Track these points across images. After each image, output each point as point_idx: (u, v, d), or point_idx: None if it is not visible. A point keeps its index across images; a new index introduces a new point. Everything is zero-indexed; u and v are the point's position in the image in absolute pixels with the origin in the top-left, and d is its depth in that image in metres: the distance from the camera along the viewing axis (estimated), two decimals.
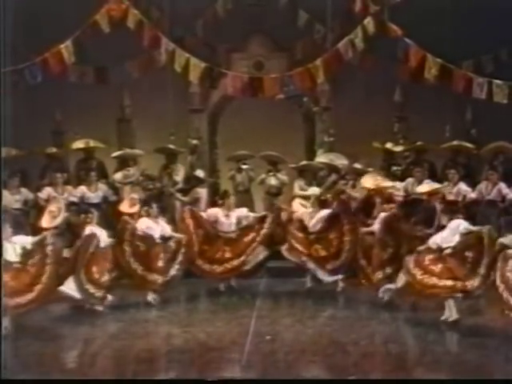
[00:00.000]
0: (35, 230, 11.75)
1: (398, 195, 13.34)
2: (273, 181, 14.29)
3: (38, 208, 13.45)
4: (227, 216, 12.57)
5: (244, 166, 14.45)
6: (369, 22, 13.11)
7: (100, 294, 11.00)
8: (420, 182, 13.45)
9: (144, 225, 11.85)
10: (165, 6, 13.62)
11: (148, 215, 11.98)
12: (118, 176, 14.10)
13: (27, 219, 13.37)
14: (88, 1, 13.14)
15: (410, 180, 13.63)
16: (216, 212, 12.66)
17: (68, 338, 10.01)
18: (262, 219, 12.59)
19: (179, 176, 14.21)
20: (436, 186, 12.90)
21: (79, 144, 14.51)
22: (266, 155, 14.38)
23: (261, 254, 12.48)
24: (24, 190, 13.47)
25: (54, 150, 14.54)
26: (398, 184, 13.54)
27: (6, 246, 10.20)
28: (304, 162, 14.37)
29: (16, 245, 10.41)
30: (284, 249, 12.51)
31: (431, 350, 9.19)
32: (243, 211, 12.78)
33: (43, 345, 9.59)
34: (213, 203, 13.86)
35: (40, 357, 9.16)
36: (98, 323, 10.57)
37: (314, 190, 13.54)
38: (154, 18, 14.17)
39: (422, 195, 12.81)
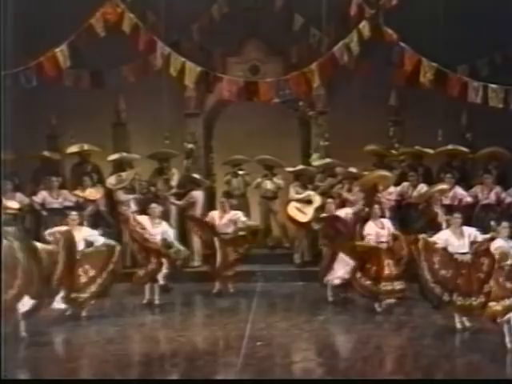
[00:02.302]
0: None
1: (391, 199, 13.38)
2: (269, 185, 14.29)
3: (33, 212, 13.46)
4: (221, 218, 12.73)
5: (240, 172, 14.45)
6: (364, 26, 13.13)
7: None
8: (415, 187, 13.49)
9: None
10: (160, 10, 13.60)
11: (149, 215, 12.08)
12: (112, 180, 14.08)
13: (22, 224, 13.36)
14: (83, 5, 13.12)
15: (405, 184, 13.66)
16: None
17: (65, 342, 9.98)
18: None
19: (174, 181, 14.21)
20: (424, 189, 12.98)
21: (74, 148, 14.50)
22: (262, 159, 14.38)
23: None
24: (19, 195, 13.43)
25: (48, 153, 14.53)
26: (393, 188, 13.58)
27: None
28: (301, 167, 14.37)
29: None
30: None
31: (427, 354, 9.22)
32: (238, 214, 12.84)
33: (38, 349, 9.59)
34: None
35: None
36: (94, 327, 10.57)
37: (310, 194, 13.56)
38: (150, 22, 14.15)
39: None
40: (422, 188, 13.41)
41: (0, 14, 12.04)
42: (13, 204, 12.92)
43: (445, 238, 10.43)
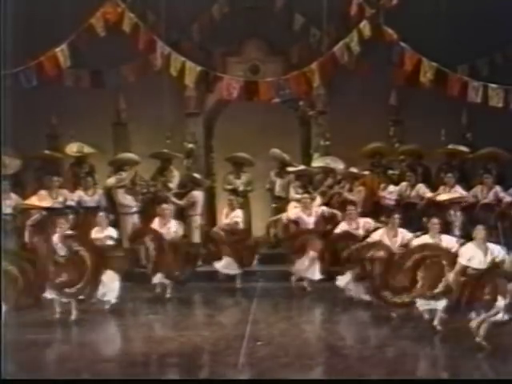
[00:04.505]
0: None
1: (390, 199, 13.40)
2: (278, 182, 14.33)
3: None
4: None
5: (243, 177, 14.44)
6: (365, 25, 13.14)
7: None
8: (412, 187, 13.51)
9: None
10: (160, 10, 13.61)
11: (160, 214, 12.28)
12: (112, 180, 14.10)
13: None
14: (83, 4, 13.13)
15: (403, 184, 13.67)
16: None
17: (65, 341, 9.99)
18: None
19: (174, 183, 14.19)
20: (456, 194, 12.91)
21: (73, 148, 14.50)
22: (273, 153, 14.36)
23: None
24: (14, 195, 13.37)
25: (49, 152, 14.56)
26: (393, 188, 13.60)
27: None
28: (302, 167, 14.36)
29: None
30: None
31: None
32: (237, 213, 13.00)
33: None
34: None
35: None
36: (94, 326, 10.58)
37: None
38: (150, 22, 14.17)
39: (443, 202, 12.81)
40: (421, 188, 13.43)
41: (0, 14, 12.06)
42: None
43: (379, 234, 10.90)
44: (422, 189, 13.42)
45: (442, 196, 12.94)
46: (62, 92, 14.51)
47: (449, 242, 10.26)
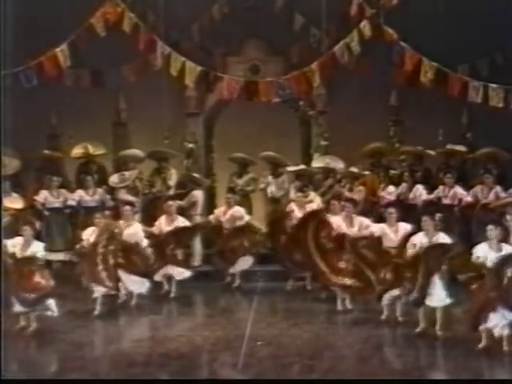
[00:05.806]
0: None
1: (390, 199, 13.39)
2: (274, 184, 14.28)
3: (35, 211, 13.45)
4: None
5: (245, 177, 14.42)
6: (365, 25, 13.15)
7: None
8: (410, 188, 13.49)
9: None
10: (160, 10, 13.61)
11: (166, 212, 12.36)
12: (114, 179, 14.09)
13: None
14: (83, 4, 13.14)
15: (404, 185, 13.67)
16: None
17: (64, 341, 9.99)
18: None
19: (172, 180, 14.19)
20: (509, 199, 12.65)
21: (78, 150, 14.51)
22: (267, 156, 14.32)
23: None
24: (14, 195, 13.38)
25: (49, 152, 14.56)
26: (393, 188, 13.60)
27: None
28: (302, 167, 14.36)
29: None
30: None
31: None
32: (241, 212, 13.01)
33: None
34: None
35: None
36: (94, 327, 10.58)
37: (310, 195, 13.54)
38: (150, 22, 14.18)
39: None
40: (418, 189, 13.42)
41: (0, 14, 12.07)
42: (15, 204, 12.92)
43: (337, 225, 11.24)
44: (419, 190, 13.41)
45: (494, 202, 12.72)
46: (62, 92, 14.51)
47: (405, 228, 10.46)
